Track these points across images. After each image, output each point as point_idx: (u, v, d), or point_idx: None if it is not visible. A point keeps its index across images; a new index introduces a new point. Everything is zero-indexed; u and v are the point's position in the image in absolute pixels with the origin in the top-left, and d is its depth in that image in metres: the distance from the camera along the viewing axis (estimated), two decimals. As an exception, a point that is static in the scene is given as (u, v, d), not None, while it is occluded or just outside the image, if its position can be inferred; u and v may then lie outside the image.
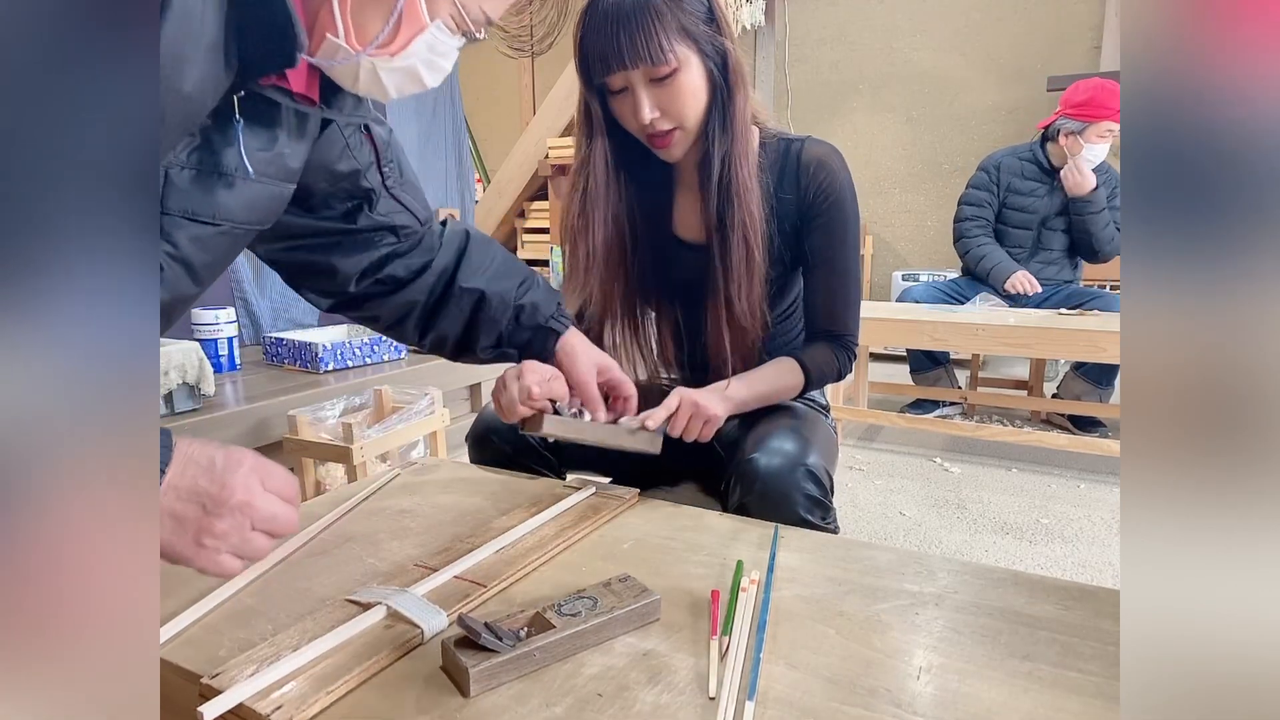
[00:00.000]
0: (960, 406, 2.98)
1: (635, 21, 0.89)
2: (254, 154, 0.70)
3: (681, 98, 0.94)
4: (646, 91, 0.93)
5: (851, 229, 1.06)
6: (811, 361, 1.07)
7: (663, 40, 0.89)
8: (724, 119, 0.98)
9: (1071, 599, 0.70)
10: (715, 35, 0.95)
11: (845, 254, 1.06)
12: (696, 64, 0.94)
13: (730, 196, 0.99)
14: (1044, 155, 2.72)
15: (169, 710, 0.59)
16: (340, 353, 2.05)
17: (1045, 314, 2.47)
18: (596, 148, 1.02)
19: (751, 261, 1.01)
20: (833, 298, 1.08)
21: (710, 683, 0.58)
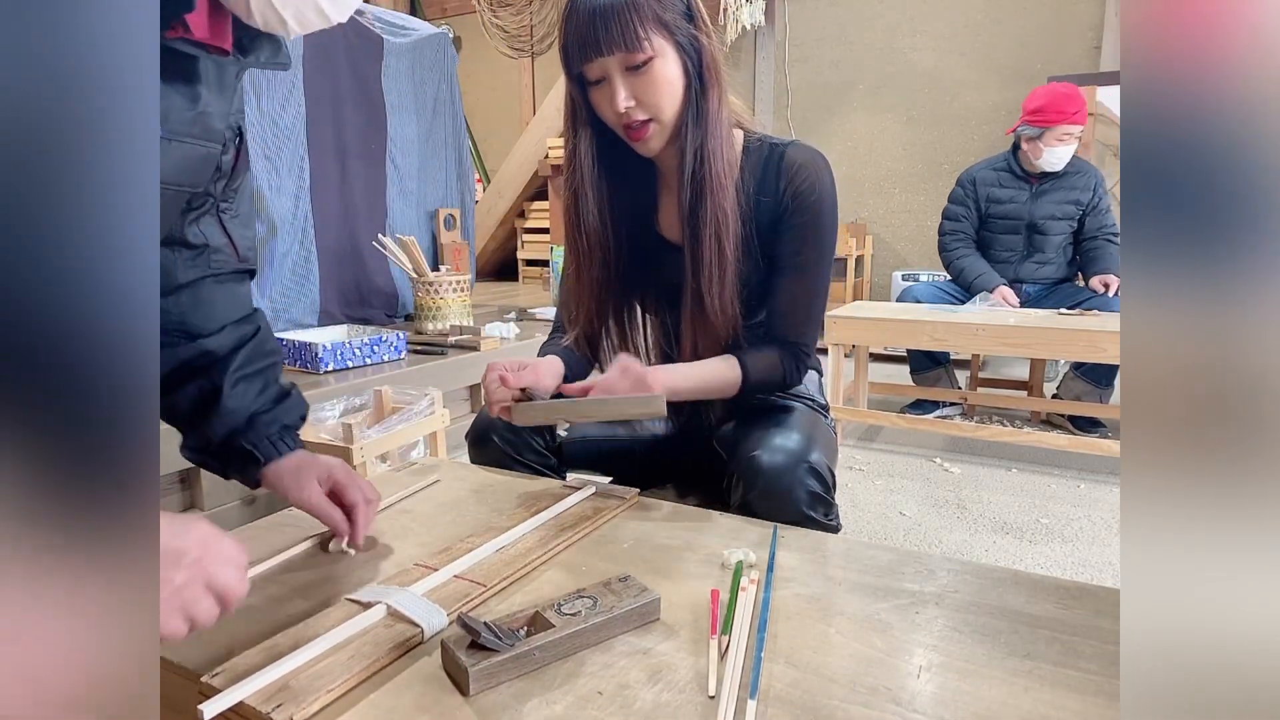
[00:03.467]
0: (960, 407, 2.98)
1: (613, 11, 0.91)
2: (180, 113, 0.69)
3: (656, 87, 0.95)
4: (622, 80, 0.94)
5: (827, 238, 1.04)
6: (753, 364, 1.04)
7: (639, 28, 0.92)
8: (698, 113, 0.99)
9: (1071, 598, 0.70)
10: (692, 30, 0.97)
11: (816, 261, 1.04)
12: (672, 56, 0.96)
13: (703, 192, 0.99)
14: (1016, 163, 2.81)
15: (169, 710, 0.59)
16: (340, 353, 2.05)
17: (1045, 314, 2.47)
18: (581, 141, 1.03)
19: (723, 258, 1.00)
20: (794, 304, 1.05)
21: (710, 682, 0.58)
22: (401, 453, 1.77)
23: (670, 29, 0.95)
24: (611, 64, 0.94)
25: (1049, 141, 2.66)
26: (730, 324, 1.04)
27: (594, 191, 1.04)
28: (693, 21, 0.97)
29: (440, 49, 3.15)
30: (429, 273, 2.53)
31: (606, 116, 0.99)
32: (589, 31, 0.92)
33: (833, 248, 1.05)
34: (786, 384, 1.07)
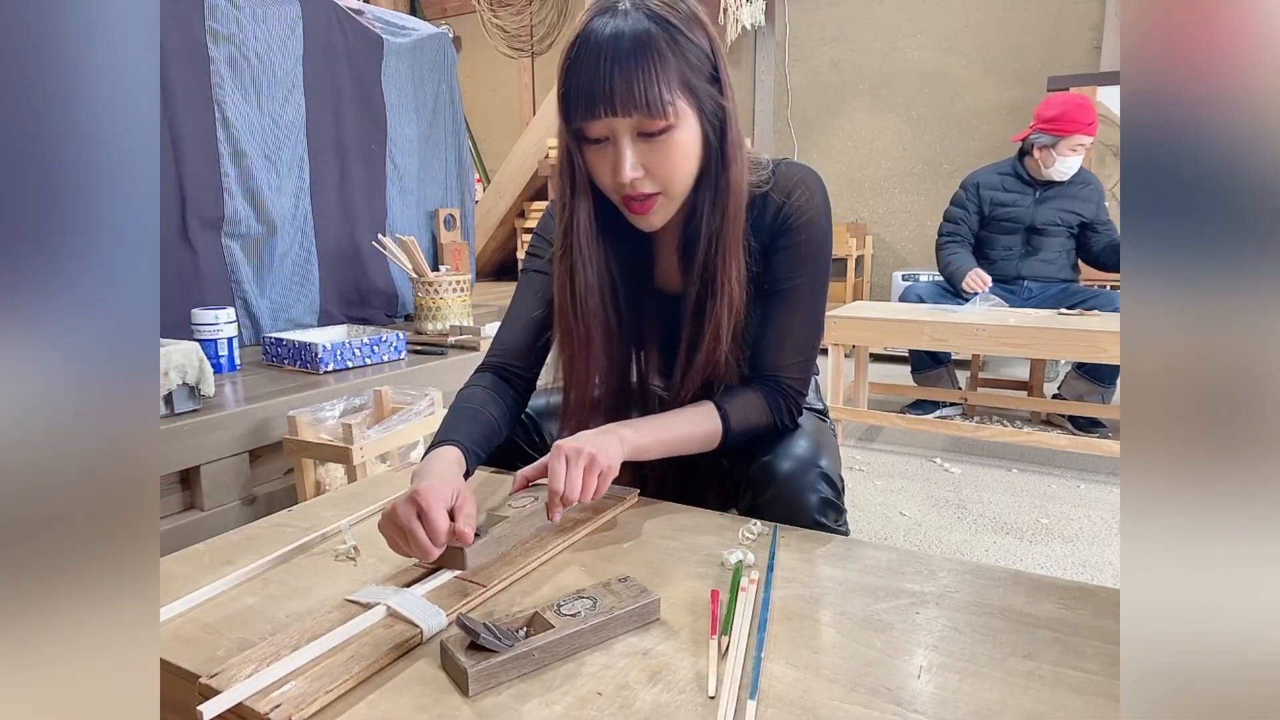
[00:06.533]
0: (960, 407, 2.98)
1: (635, 63, 0.77)
2: None
3: (672, 159, 0.82)
4: (632, 146, 0.81)
5: (820, 262, 0.94)
6: (734, 410, 0.92)
7: (663, 89, 0.78)
8: (716, 194, 0.87)
9: (1072, 598, 0.70)
10: (718, 96, 0.85)
11: (809, 287, 0.94)
12: (693, 123, 0.83)
13: (715, 289, 0.89)
14: (1023, 169, 2.82)
15: (169, 710, 0.59)
16: (340, 353, 2.05)
17: (1045, 314, 2.47)
18: (580, 212, 0.90)
19: (719, 337, 0.91)
20: (782, 334, 0.94)
21: (710, 682, 0.57)
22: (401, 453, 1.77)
23: (695, 93, 0.82)
24: (622, 126, 0.80)
25: (1062, 151, 2.67)
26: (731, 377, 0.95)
27: (594, 263, 0.91)
28: (718, 85, 0.85)
29: (440, 49, 3.14)
30: (429, 273, 2.53)
31: (603, 181, 0.86)
32: (601, 84, 0.78)
33: (826, 274, 0.95)
34: (776, 426, 0.96)
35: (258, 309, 2.43)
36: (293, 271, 2.56)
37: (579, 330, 0.94)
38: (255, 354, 2.27)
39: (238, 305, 2.37)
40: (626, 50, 0.77)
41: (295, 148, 2.51)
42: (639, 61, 0.77)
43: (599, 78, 0.78)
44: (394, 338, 2.18)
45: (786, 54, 4.69)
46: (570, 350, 0.96)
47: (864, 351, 2.78)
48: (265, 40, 2.37)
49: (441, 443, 0.87)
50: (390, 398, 1.80)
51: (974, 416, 2.95)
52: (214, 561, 0.80)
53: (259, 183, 2.37)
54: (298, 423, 1.62)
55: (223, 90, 2.25)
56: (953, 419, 2.85)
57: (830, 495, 0.92)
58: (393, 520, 0.72)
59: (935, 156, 4.42)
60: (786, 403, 0.95)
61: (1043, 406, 2.82)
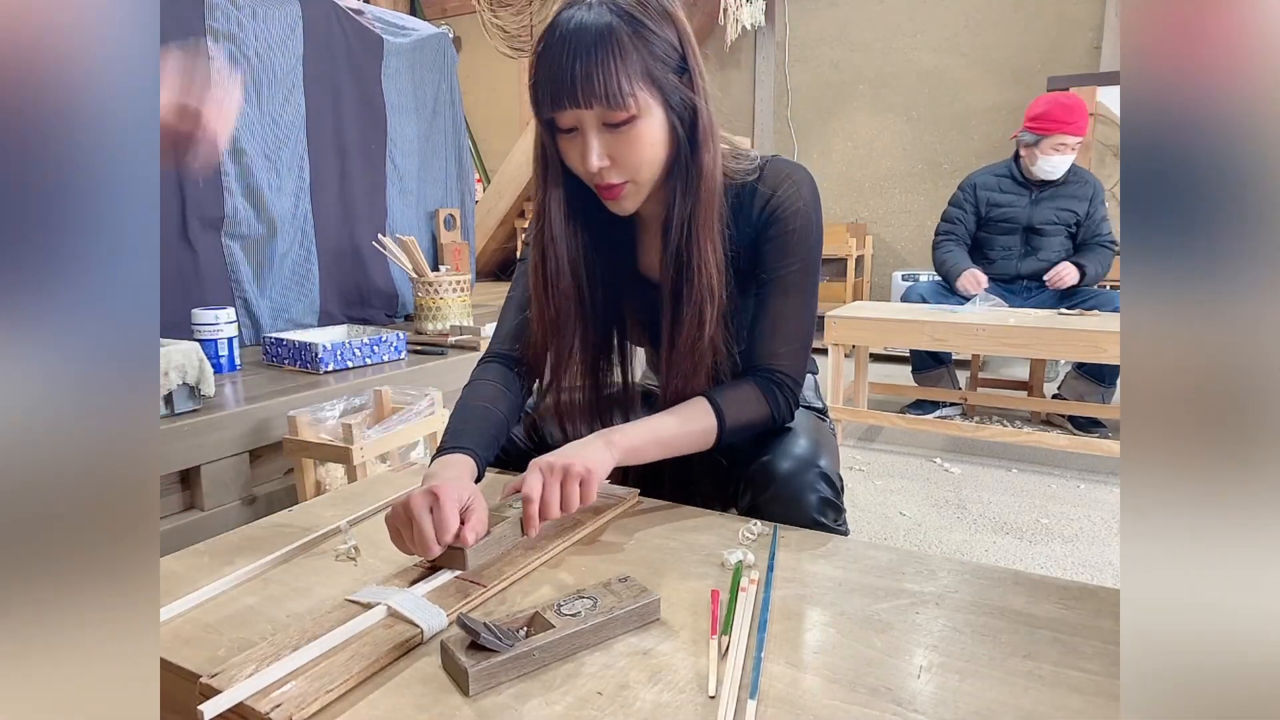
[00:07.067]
0: (960, 407, 2.98)
1: (594, 56, 0.79)
2: None
3: (636, 149, 0.84)
4: (598, 136, 0.83)
5: (811, 252, 0.94)
6: (728, 404, 0.92)
7: (622, 82, 0.80)
8: (687, 182, 0.88)
9: (1072, 598, 0.70)
10: (685, 89, 0.86)
11: (800, 276, 0.94)
12: (659, 115, 0.84)
13: (690, 273, 0.90)
14: (1018, 168, 2.84)
15: (169, 710, 0.59)
16: (340, 353, 2.05)
17: (1045, 314, 2.47)
18: (552, 201, 0.92)
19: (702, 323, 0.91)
20: (774, 323, 0.94)
21: (710, 682, 0.57)
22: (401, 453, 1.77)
23: (660, 85, 0.83)
24: (587, 117, 0.82)
25: (1045, 149, 2.69)
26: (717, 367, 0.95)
27: (566, 248, 0.93)
28: (686, 75, 0.86)
29: (440, 49, 3.14)
30: (429, 273, 2.53)
31: (575, 168, 0.88)
32: (564, 77, 0.80)
33: (817, 265, 0.95)
34: (774, 421, 0.95)
35: (258, 309, 2.43)
36: (293, 271, 2.56)
37: (549, 312, 0.95)
38: (255, 354, 2.27)
39: (238, 305, 2.37)
40: (588, 43, 0.79)
41: (295, 147, 2.51)
42: (599, 54, 0.79)
43: (562, 70, 0.80)
44: (394, 338, 2.18)
45: (786, 54, 4.69)
46: (542, 328, 0.97)
47: (864, 351, 2.78)
48: (265, 40, 2.37)
49: (454, 448, 0.88)
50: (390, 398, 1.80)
51: (974, 416, 2.95)
52: (214, 561, 0.80)
53: (259, 182, 2.37)
54: (298, 423, 1.62)
55: (223, 90, 2.24)
56: (953, 419, 2.85)
57: (830, 495, 0.92)
58: (405, 509, 0.73)
59: (935, 156, 4.42)
60: (782, 394, 0.94)
61: (1043, 406, 2.82)
